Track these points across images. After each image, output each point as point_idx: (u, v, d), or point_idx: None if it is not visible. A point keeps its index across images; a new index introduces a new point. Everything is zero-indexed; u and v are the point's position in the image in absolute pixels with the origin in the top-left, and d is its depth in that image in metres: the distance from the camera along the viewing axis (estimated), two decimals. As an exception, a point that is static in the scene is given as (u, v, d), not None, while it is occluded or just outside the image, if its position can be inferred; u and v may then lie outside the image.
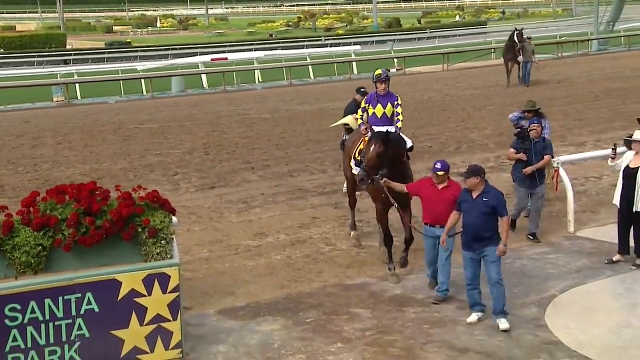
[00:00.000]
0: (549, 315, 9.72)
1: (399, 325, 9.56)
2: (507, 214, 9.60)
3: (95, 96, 33.83)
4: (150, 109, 28.85)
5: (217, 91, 34.69)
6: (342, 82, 36.95)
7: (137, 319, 8.53)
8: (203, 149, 20.19)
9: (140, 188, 9.28)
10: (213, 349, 8.95)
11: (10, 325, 8.07)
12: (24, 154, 20.61)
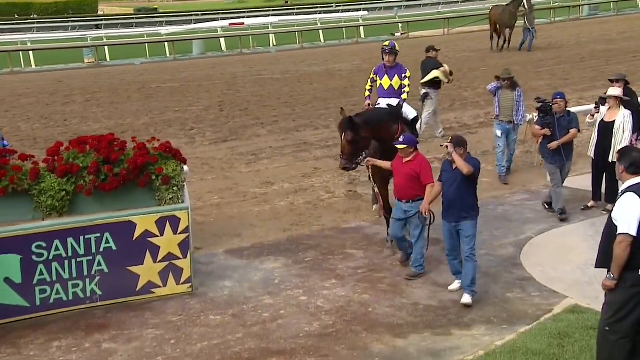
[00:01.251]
0: (524, 254, 9.87)
1: (388, 264, 9.71)
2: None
3: (122, 58, 33.79)
4: (172, 70, 28.80)
5: (234, 54, 34.54)
6: (349, 46, 36.77)
7: (151, 256, 8.70)
8: (218, 107, 20.20)
9: (154, 139, 9.42)
10: (220, 284, 9.12)
11: (37, 261, 8.27)
12: (56, 110, 20.66)
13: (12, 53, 33.10)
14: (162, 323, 8.18)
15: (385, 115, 10.03)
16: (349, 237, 10.61)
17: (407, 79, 10.74)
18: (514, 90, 12.67)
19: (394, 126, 9.87)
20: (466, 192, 8.59)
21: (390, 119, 9.94)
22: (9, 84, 26.70)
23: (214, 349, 7.62)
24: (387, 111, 10.21)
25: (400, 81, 10.70)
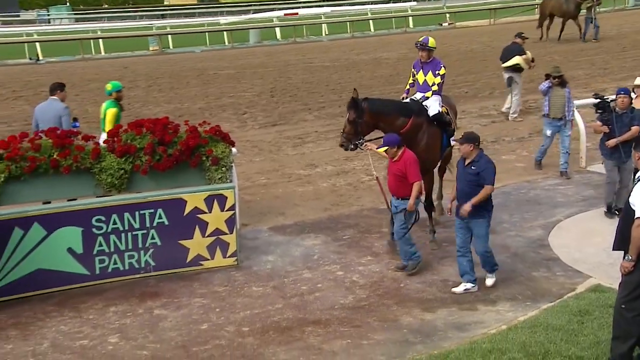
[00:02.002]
0: (552, 236, 9.85)
1: (421, 243, 9.76)
2: (492, 184, 8.14)
3: (184, 46, 34.20)
4: (230, 58, 29.06)
5: (288, 42, 34.66)
6: (398, 35, 36.52)
7: (200, 231, 8.89)
8: (270, 93, 20.38)
9: (206, 123, 9.64)
10: (263, 259, 9.29)
11: (96, 233, 8.53)
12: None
13: (83, 41, 33.80)
14: (208, 293, 8.39)
15: (395, 107, 9.50)
16: (385, 217, 10.60)
17: (439, 76, 9.84)
18: (564, 87, 12.25)
19: (400, 119, 9.29)
20: (476, 189, 8.13)
21: (398, 112, 9.38)
22: (80, 70, 27.26)
23: (255, 317, 7.81)
24: (399, 104, 9.68)
25: (433, 78, 9.88)
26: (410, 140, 9.23)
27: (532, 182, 12.15)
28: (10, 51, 31.74)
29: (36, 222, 8.29)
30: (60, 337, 7.49)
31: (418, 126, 9.42)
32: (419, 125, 9.43)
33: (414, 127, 9.35)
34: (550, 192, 11.61)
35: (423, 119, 9.51)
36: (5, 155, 8.68)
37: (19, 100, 20.95)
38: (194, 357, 7.00)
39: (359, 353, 7.01)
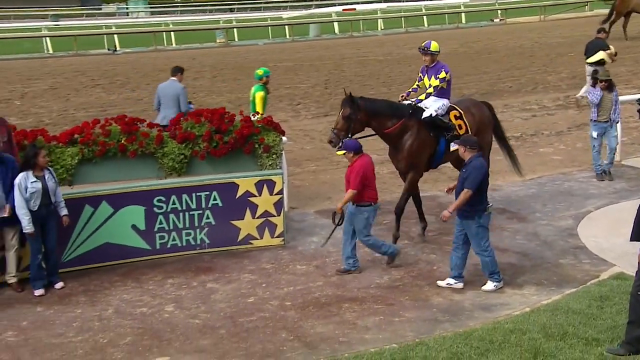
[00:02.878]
0: (581, 226, 9.81)
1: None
2: (471, 188, 7.65)
3: (248, 39, 34.56)
4: (290, 51, 29.28)
5: (346, 36, 34.75)
6: (451, 30, 36.28)
7: (250, 213, 9.12)
8: (324, 84, 20.50)
9: (258, 113, 9.88)
10: (308, 240, 9.47)
11: (157, 212, 8.83)
12: (187, 84, 21.03)
13: (157, 33, 34.46)
14: (256, 269, 8.62)
15: (388, 109, 9.17)
16: (424, 204, 10.69)
17: (439, 79, 9.27)
18: (612, 91, 11.77)
19: (392, 121, 9.02)
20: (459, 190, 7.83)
21: (391, 113, 9.08)
22: (152, 60, 27.83)
23: (297, 293, 8.01)
24: (394, 105, 9.35)
25: (434, 81, 9.35)
26: (395, 141, 9.13)
27: (567, 175, 12.07)
28: (91, 42, 32.59)
29: (104, 200, 8.64)
30: (123, 304, 7.82)
31: (407, 128, 9.08)
32: (407, 128, 9.08)
33: (401, 129, 9.05)
34: (584, 185, 11.52)
35: (414, 121, 9.13)
36: (79, 140, 9.07)
37: (96, 88, 21.59)
38: (240, 327, 7.24)
39: (390, 329, 7.15)
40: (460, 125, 9.42)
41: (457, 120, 9.44)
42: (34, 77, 23.87)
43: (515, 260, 8.80)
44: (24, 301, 7.91)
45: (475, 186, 7.70)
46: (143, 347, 6.86)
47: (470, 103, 10.04)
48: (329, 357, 6.53)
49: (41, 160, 7.94)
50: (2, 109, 17.54)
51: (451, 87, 9.62)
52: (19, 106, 18.80)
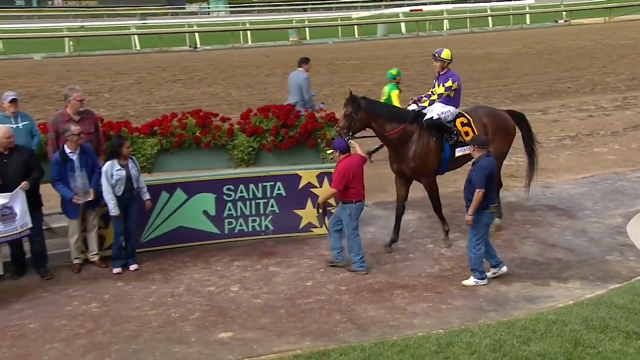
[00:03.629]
0: (630, 224, 9.63)
1: (506, 223, 9.75)
2: (482, 188, 7.55)
3: (319, 37, 34.75)
4: (357, 49, 29.28)
5: (412, 36, 34.53)
6: (515, 31, 35.66)
7: (311, 203, 9.22)
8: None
9: (322, 110, 10.04)
10: (365, 229, 9.42)
11: (226, 200, 9.06)
12: (259, 80, 21.71)
13: (234, 32, 35.04)
14: (315, 255, 8.77)
15: (390, 112, 8.93)
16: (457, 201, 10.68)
17: (444, 87, 8.94)
18: None
19: (392, 124, 8.72)
20: (470, 186, 7.71)
21: (392, 117, 8.79)
22: (229, 57, 28.35)
23: (352, 278, 8.13)
24: (395, 110, 9.18)
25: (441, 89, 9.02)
26: (397, 146, 8.84)
27: (619, 174, 11.83)
28: (174, 40, 33.41)
29: (179, 188, 8.93)
30: (193, 283, 8.10)
31: (408, 134, 8.80)
32: (409, 133, 8.80)
33: (402, 133, 8.77)
34: (636, 184, 11.29)
35: (416, 127, 8.83)
36: (158, 132, 9.42)
37: (176, 83, 22.13)
38: (298, 308, 7.42)
39: (437, 315, 7.22)
40: (467, 132, 8.98)
41: (464, 127, 9.02)
42: (122, 72, 24.64)
43: (562, 255, 8.71)
44: (106, 277, 8.30)
45: (483, 185, 7.60)
46: (210, 323, 7.11)
47: (486, 112, 9.43)
48: (378, 339, 6.63)
49: (125, 151, 8.29)
50: (93, 101, 18.19)
51: (460, 96, 9.17)
52: (107, 99, 19.48)
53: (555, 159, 13.00)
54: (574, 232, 9.43)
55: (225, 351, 6.52)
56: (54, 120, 8.62)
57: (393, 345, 6.45)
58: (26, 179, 7.97)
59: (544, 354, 6.22)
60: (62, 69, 25.62)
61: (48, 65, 26.86)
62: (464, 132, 8.99)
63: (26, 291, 7.93)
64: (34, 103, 17.55)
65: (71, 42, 32.04)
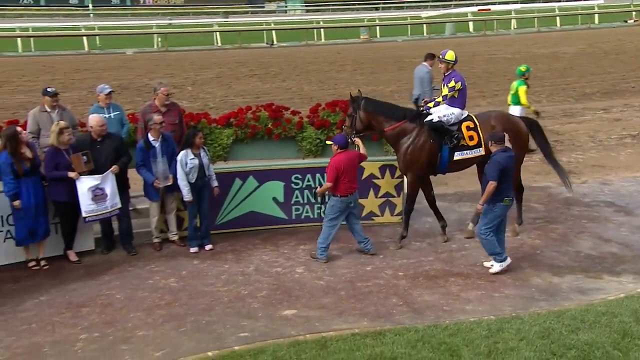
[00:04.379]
0: (687, 223, 9.35)
1: (562, 218, 9.63)
2: (494, 180, 7.55)
3: (389, 35, 34.60)
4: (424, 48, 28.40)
5: (479, 35, 33.94)
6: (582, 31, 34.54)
7: (374, 193, 9.34)
8: (453, 80, 20.28)
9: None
10: (424, 219, 9.57)
11: (294, 188, 9.24)
12: (330, 76, 21.81)
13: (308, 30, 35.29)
14: (376, 242, 8.80)
15: (387, 111, 8.80)
16: (534, 194, 10.55)
17: (448, 88, 8.72)
18: None
19: (390, 122, 8.68)
20: (484, 181, 7.77)
21: (390, 115, 8.71)
22: (302, 54, 28.56)
23: (409, 265, 8.20)
24: (394, 108, 8.95)
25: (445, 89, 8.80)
26: (395, 143, 8.76)
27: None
28: (253, 37, 33.89)
29: (251, 175, 9.16)
30: (262, 263, 8.32)
31: (406, 131, 8.67)
32: (406, 131, 8.67)
33: (400, 131, 8.68)
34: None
35: (415, 125, 8.69)
36: (234, 123, 9.70)
37: (253, 77, 22.50)
38: (357, 290, 7.54)
39: (489, 302, 7.22)
40: (472, 136, 8.70)
41: (470, 131, 8.72)
42: (204, 67, 25.20)
43: (617, 250, 8.54)
44: (184, 255, 8.62)
45: (497, 177, 7.57)
46: (276, 300, 7.32)
47: (496, 115, 9.03)
48: (432, 322, 6.69)
49: (198, 141, 8.54)
50: (177, 93, 18.65)
51: (466, 97, 8.90)
52: (190, 91, 20.00)
53: (615, 156, 12.68)
54: (631, 229, 9.21)
55: (288, 327, 6.71)
56: (143, 111, 9.02)
57: (445, 328, 6.50)
58: (116, 164, 8.37)
59: (591, 343, 6.15)
60: (151, 63, 26.42)
61: (138, 59, 27.74)
62: (469, 136, 8.71)
63: (114, 265, 8.36)
64: (125, 95, 18.20)
65: (159, 38, 32.97)
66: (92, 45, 31.53)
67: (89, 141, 8.41)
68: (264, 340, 6.37)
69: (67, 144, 8.21)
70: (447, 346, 6.15)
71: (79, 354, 6.26)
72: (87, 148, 8.30)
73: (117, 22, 40.63)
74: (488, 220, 7.76)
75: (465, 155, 8.68)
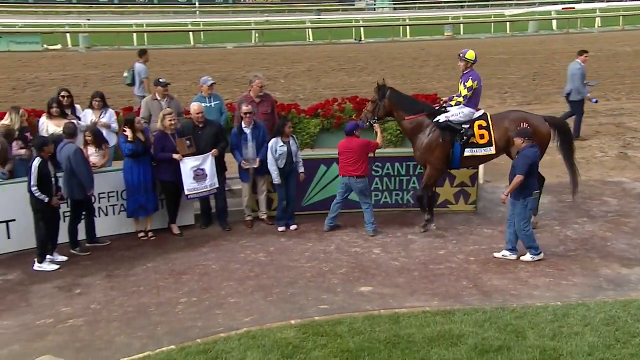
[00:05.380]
0: None
1: (636, 212, 9.29)
2: (522, 174, 7.47)
3: (472, 33, 33.89)
4: (506, 44, 28.30)
5: (562, 33, 32.70)
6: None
7: (449, 182, 9.31)
8: (532, 76, 19.68)
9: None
10: (497, 209, 9.43)
11: (374, 175, 9.28)
12: (413, 71, 21.65)
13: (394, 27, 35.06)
14: (449, 228, 8.83)
15: (409, 104, 8.75)
16: (608, 188, 10.23)
17: (466, 88, 8.51)
18: None
19: (409, 115, 8.62)
20: (513, 174, 7.61)
21: (410, 109, 8.66)
22: (388, 50, 28.46)
23: (480, 251, 8.15)
24: (415, 102, 8.91)
25: (462, 88, 8.60)
26: (411, 136, 8.70)
27: None
28: (342, 33, 34.02)
29: (335, 162, 9.16)
30: (343, 243, 8.48)
31: (422, 125, 8.61)
32: (423, 125, 8.60)
33: (416, 124, 8.61)
34: None
35: (429, 120, 8.60)
36: (321, 114, 9.89)
37: (340, 72, 22.63)
38: (430, 272, 7.60)
39: (557, 289, 7.11)
40: (483, 135, 8.52)
41: (481, 129, 8.54)
42: (296, 61, 25.55)
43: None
44: (272, 233, 8.89)
45: (524, 172, 7.49)
46: (353, 278, 7.47)
47: (514, 116, 8.68)
48: (499, 305, 6.66)
49: (287, 130, 8.75)
50: (271, 85, 19.01)
51: (479, 97, 8.69)
52: (282, 84, 20.36)
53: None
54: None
55: (364, 302, 6.85)
56: (239, 102, 9.36)
57: (512, 311, 6.47)
58: (215, 148, 8.75)
59: (656, 332, 5.99)
60: (248, 57, 27.04)
61: (237, 53, 28.45)
62: (480, 134, 8.54)
63: (210, 239, 8.75)
64: (224, 85, 18.75)
65: (257, 34, 33.65)
66: (197, 40, 32.58)
67: (192, 127, 8.82)
68: (342, 312, 6.54)
69: (170, 128, 8.64)
70: (513, 327, 6.14)
71: (179, 315, 6.65)
72: (190, 133, 8.72)
73: (220, 19, 41.72)
74: (523, 215, 7.70)
75: (475, 153, 8.59)
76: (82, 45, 30.61)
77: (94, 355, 5.83)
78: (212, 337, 6.07)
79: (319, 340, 5.92)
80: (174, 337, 6.16)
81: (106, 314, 6.68)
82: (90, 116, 9.19)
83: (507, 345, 5.82)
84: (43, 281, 7.48)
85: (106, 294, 7.15)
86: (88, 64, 24.86)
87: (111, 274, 7.68)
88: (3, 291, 7.25)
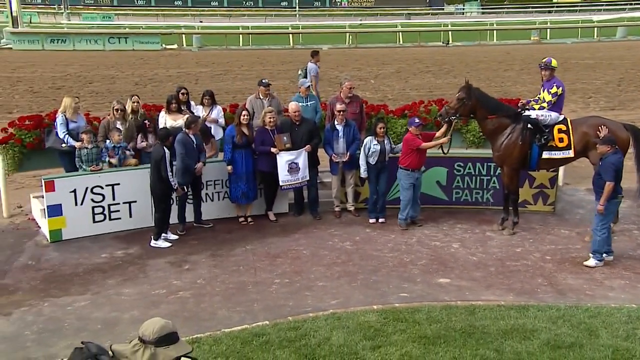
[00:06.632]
0: None
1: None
2: (610, 181, 7.17)
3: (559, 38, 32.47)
4: (593, 50, 26.92)
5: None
6: None
7: (529, 183, 9.07)
8: (617, 82, 18.64)
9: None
10: (575, 211, 9.15)
11: (456, 174, 9.20)
12: (498, 75, 21.03)
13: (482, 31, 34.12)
14: (527, 227, 8.58)
15: (494, 105, 8.43)
16: None
17: (550, 94, 8.29)
18: None
19: (490, 114, 8.35)
20: (598, 182, 7.35)
21: (493, 110, 8.35)
22: (475, 53, 27.78)
23: (557, 251, 7.91)
24: (498, 104, 8.56)
25: (547, 95, 8.35)
26: (491, 136, 8.45)
27: None
28: (431, 36, 33.52)
29: None
30: (423, 237, 8.46)
31: (502, 126, 8.35)
32: (503, 126, 8.35)
33: (498, 125, 8.35)
34: None
35: (511, 123, 8.33)
36: (408, 115, 9.87)
37: (428, 73, 22.34)
38: (506, 268, 7.46)
39: (633, 292, 6.81)
40: (562, 138, 8.23)
41: (561, 133, 8.25)
42: (386, 62, 25.44)
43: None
44: (359, 223, 8.98)
45: (613, 178, 7.22)
46: (432, 269, 7.45)
47: (593, 122, 8.35)
48: (573, 303, 6.46)
49: (378, 131, 8.80)
50: (361, 85, 19.10)
51: (563, 102, 8.39)
52: (372, 84, 20.35)
53: None
54: None
55: (442, 293, 6.84)
56: (330, 101, 9.51)
57: (586, 310, 6.26)
58: (309, 144, 8.95)
59: None
60: (342, 58, 27.18)
61: (332, 54, 28.66)
62: (559, 138, 8.26)
63: (302, 226, 8.96)
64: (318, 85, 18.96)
65: (350, 36, 33.74)
66: (296, 41, 33.07)
67: (290, 124, 9.05)
68: (421, 301, 6.55)
69: (270, 125, 8.90)
70: (586, 326, 5.94)
71: (273, 295, 6.89)
72: (288, 130, 8.95)
73: (317, 22, 42.10)
74: (604, 217, 7.42)
75: (554, 155, 8.31)
76: (195, 45, 31.84)
77: (199, 325, 6.15)
78: (302, 316, 6.24)
79: (399, 325, 5.97)
80: (268, 313, 6.39)
81: (210, 289, 7.02)
82: (201, 112, 9.61)
83: (579, 343, 5.65)
84: (158, 256, 7.94)
85: (210, 271, 7.50)
86: (200, 62, 25.85)
87: (215, 253, 8.04)
88: (125, 263, 7.77)
